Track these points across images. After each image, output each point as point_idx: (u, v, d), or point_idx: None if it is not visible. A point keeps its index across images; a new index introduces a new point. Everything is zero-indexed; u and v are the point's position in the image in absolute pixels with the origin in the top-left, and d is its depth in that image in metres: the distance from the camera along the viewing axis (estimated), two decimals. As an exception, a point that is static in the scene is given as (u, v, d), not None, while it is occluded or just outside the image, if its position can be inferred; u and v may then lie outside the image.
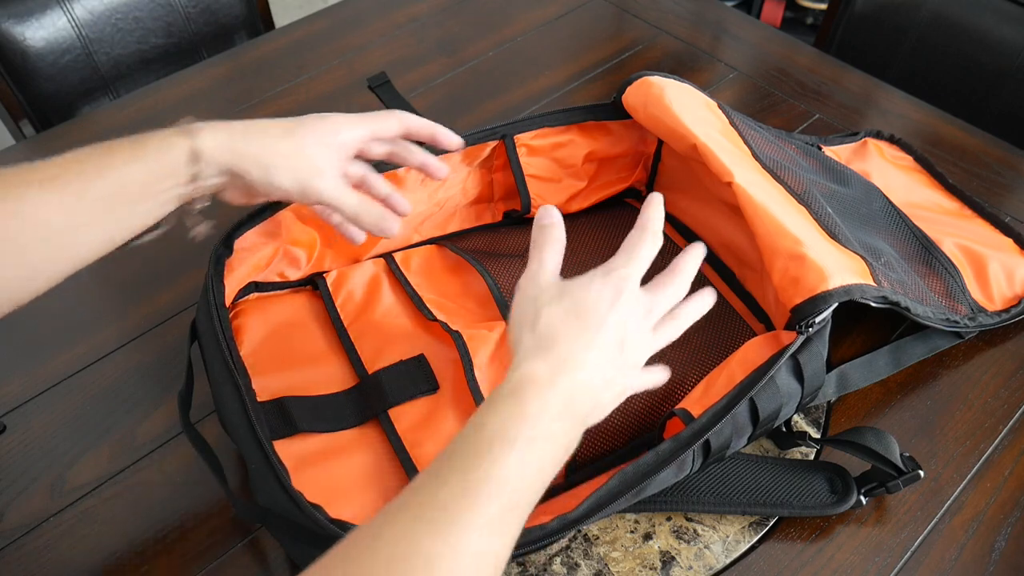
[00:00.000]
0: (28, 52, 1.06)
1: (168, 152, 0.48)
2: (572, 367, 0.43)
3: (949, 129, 0.88)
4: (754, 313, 0.66)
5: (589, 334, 0.45)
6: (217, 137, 0.49)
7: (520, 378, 0.43)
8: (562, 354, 0.44)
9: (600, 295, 0.46)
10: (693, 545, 0.55)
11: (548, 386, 0.42)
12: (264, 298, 0.66)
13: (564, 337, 0.44)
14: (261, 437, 0.51)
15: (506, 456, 0.39)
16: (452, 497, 0.38)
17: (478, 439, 0.40)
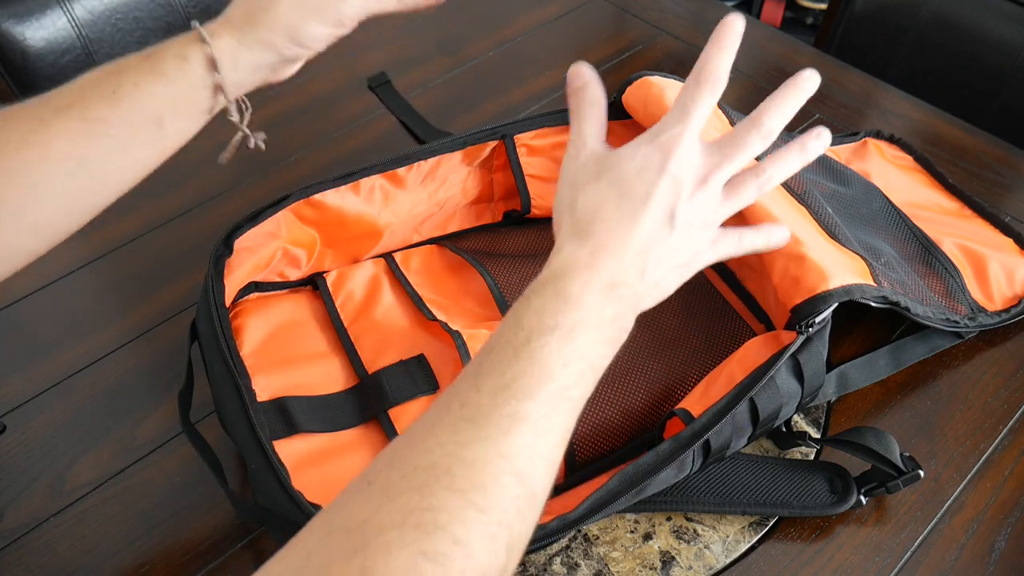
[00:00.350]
0: (28, 52, 1.06)
1: (186, 66, 0.45)
2: (616, 249, 0.40)
3: (949, 129, 0.88)
4: (754, 313, 0.66)
5: (633, 211, 0.41)
6: (229, 43, 0.46)
7: (558, 265, 0.40)
8: (602, 237, 0.40)
9: (646, 163, 0.42)
10: (693, 545, 0.55)
11: (589, 269, 0.39)
12: (264, 298, 0.66)
13: (605, 218, 0.41)
14: (261, 437, 0.51)
15: (546, 348, 0.36)
16: (491, 398, 0.35)
17: (514, 333, 0.37)
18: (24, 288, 0.73)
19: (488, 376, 0.36)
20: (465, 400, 0.35)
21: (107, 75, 0.44)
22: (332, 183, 0.65)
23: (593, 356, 0.38)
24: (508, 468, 0.34)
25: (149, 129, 0.45)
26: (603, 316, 0.39)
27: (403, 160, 0.67)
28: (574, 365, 0.37)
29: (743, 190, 0.44)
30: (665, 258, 0.42)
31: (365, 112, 0.91)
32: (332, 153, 0.87)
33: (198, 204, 0.81)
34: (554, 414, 0.36)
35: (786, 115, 0.44)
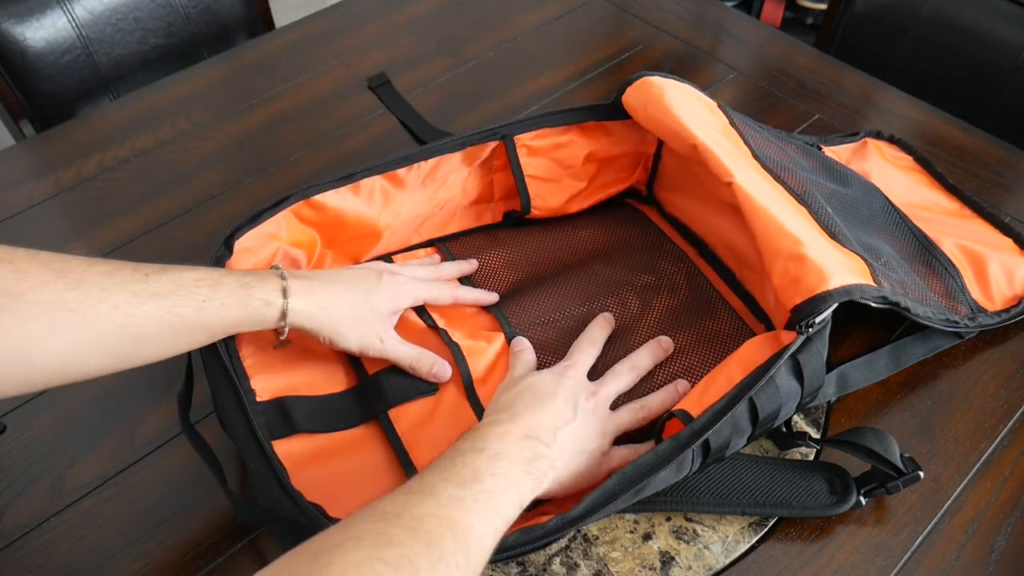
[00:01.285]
0: (28, 52, 1.06)
1: (268, 310, 0.53)
2: (532, 416, 0.51)
3: (949, 129, 0.88)
4: (754, 313, 0.66)
5: (544, 400, 0.53)
6: (303, 303, 0.55)
7: (482, 423, 0.51)
8: (520, 409, 0.52)
9: (552, 376, 0.56)
10: (693, 545, 0.55)
11: (509, 423, 0.50)
12: (264, 298, 0.66)
13: (523, 401, 0.53)
14: (260, 437, 0.51)
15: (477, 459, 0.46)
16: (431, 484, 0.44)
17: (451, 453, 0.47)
18: (24, 288, 0.73)
19: (428, 473, 0.45)
20: (409, 486, 0.44)
21: (203, 284, 0.51)
22: (332, 184, 0.65)
23: (516, 479, 0.46)
24: (448, 527, 0.41)
25: (203, 336, 0.52)
26: (522, 454, 0.48)
27: (403, 161, 0.67)
28: (500, 479, 0.45)
29: (622, 412, 0.57)
30: (570, 435, 0.52)
31: (365, 112, 0.91)
32: (332, 153, 0.87)
33: (198, 204, 0.81)
34: (484, 507, 0.44)
35: (652, 359, 0.61)
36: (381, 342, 0.59)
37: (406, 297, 0.62)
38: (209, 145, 0.88)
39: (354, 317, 0.57)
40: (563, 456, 0.51)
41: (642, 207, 0.77)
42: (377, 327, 0.59)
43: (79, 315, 0.45)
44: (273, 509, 0.49)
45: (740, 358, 0.55)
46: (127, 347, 0.48)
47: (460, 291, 0.65)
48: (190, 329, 0.51)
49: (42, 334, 0.44)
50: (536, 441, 0.49)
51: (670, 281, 0.68)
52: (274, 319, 0.54)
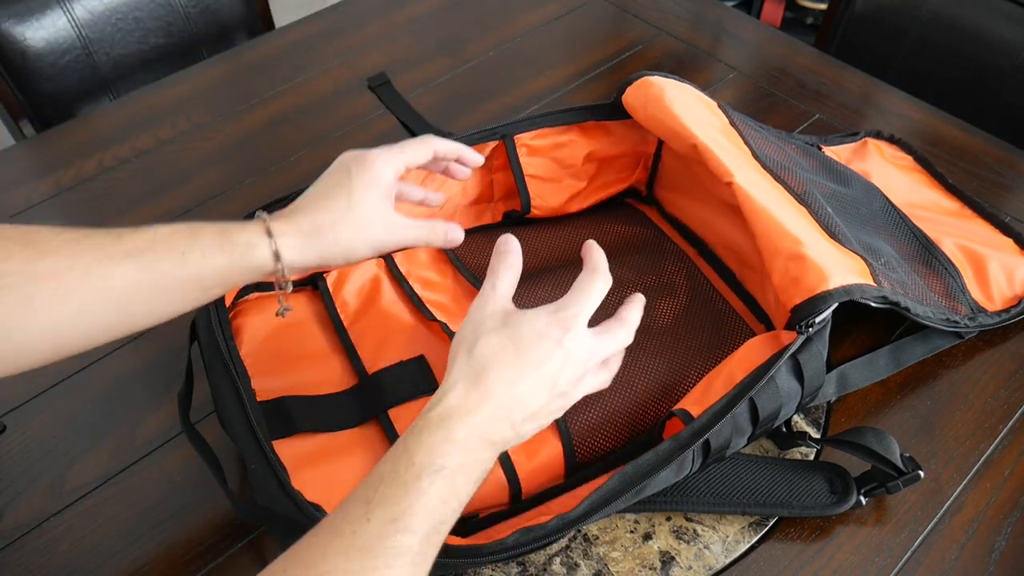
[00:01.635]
0: (28, 52, 1.06)
1: (255, 253, 0.49)
2: (502, 402, 0.46)
3: (949, 129, 0.88)
4: (754, 313, 0.66)
5: (524, 369, 0.47)
6: (293, 239, 0.51)
7: (449, 403, 0.45)
8: (492, 386, 0.46)
9: (547, 332, 0.48)
10: (693, 545, 0.55)
11: (474, 416, 0.45)
12: (264, 298, 0.66)
13: (499, 368, 0.46)
14: (260, 437, 0.51)
15: (432, 486, 0.42)
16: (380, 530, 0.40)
17: (407, 469, 0.42)
18: (24, 288, 0.73)
19: (379, 507, 0.41)
20: (356, 528, 0.40)
21: (180, 235, 0.48)
22: (332, 183, 0.64)
23: (463, 495, 0.44)
24: None
25: (196, 292, 0.49)
26: (479, 458, 0.45)
27: (403, 160, 0.67)
28: (450, 503, 0.42)
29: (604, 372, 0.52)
30: (536, 416, 0.48)
31: (365, 112, 0.91)
32: (332, 153, 0.85)
33: (198, 204, 0.81)
34: (429, 547, 0.41)
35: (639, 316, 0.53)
36: (391, 234, 0.55)
37: (383, 176, 0.55)
38: (209, 145, 0.88)
39: (348, 227, 0.53)
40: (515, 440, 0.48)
41: (642, 207, 0.77)
42: (376, 224, 0.54)
43: (52, 284, 0.43)
44: (273, 509, 0.49)
45: (740, 358, 0.55)
46: (113, 313, 0.46)
47: (437, 143, 0.58)
48: (178, 286, 0.47)
49: (18, 309, 0.42)
50: (499, 443, 0.46)
51: (670, 281, 0.68)
52: (266, 262, 0.50)
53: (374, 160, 0.55)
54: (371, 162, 0.55)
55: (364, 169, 0.55)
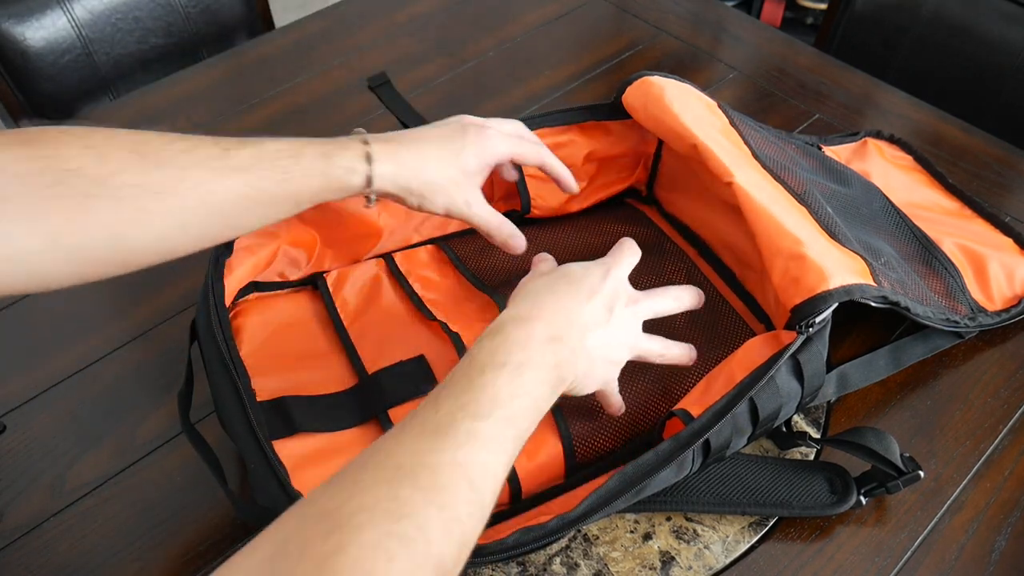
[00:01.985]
0: (28, 52, 1.06)
1: (350, 176, 0.52)
2: (561, 314, 0.47)
3: (949, 129, 0.88)
4: (754, 313, 0.66)
5: (579, 296, 0.49)
6: (388, 167, 0.53)
7: (508, 314, 0.47)
8: (551, 304, 0.48)
9: (593, 269, 0.51)
10: (693, 545, 0.55)
11: (536, 321, 0.46)
12: (264, 298, 0.66)
13: (555, 294, 0.49)
14: (260, 437, 0.51)
15: (497, 378, 0.42)
16: (450, 416, 0.40)
17: (469, 367, 0.43)
18: (24, 288, 0.73)
19: (446, 400, 0.41)
20: (426, 419, 0.41)
21: (284, 154, 0.50)
22: (332, 183, 0.65)
23: (536, 394, 0.44)
24: (462, 475, 0.38)
25: (290, 206, 0.52)
26: (545, 360, 0.45)
27: (403, 160, 0.67)
28: (520, 399, 0.43)
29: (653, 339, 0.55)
30: (601, 341, 0.49)
31: (365, 112, 0.91)
32: (332, 153, 0.87)
33: (198, 204, 0.81)
34: (502, 437, 0.41)
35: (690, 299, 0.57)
36: (468, 206, 0.57)
37: (493, 153, 0.58)
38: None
39: (443, 179, 0.56)
40: (587, 359, 0.48)
41: (642, 207, 0.77)
42: (465, 189, 0.57)
43: (164, 196, 0.45)
44: (274, 509, 0.49)
45: (740, 358, 0.55)
46: (213, 224, 0.49)
47: (546, 154, 0.62)
48: (274, 201, 0.50)
49: (132, 217, 0.45)
50: (561, 344, 0.46)
51: (670, 280, 0.68)
52: (359, 186, 0.52)
53: (491, 136, 0.58)
54: (488, 137, 0.58)
55: (481, 139, 0.57)
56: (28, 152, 0.43)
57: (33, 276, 0.44)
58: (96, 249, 0.45)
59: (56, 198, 0.43)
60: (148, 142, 0.46)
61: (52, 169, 0.43)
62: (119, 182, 0.44)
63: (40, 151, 0.43)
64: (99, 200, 0.44)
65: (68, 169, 0.43)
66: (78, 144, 0.44)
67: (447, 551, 0.36)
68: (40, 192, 0.42)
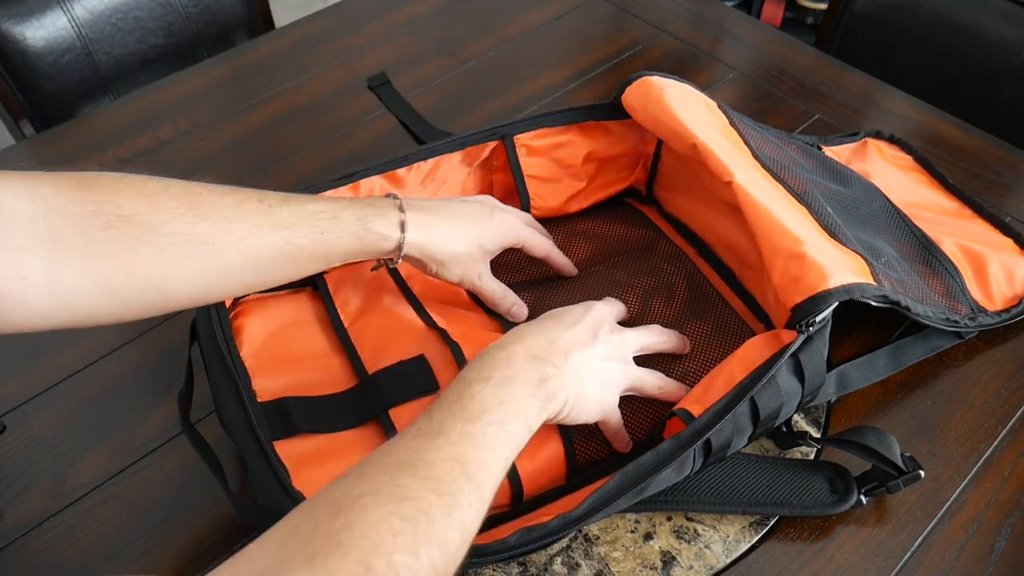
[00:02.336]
0: (28, 52, 1.06)
1: (383, 242, 0.55)
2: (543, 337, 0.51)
3: (949, 129, 0.88)
4: (754, 313, 0.66)
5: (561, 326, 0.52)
6: (419, 236, 0.57)
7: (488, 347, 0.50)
8: (528, 332, 0.51)
9: (572, 307, 0.55)
10: (694, 545, 0.55)
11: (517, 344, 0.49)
12: (264, 299, 0.66)
13: (537, 327, 0.52)
14: (262, 438, 0.51)
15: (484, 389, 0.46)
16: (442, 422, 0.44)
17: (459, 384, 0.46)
18: (24, 288, 0.73)
19: (438, 411, 0.44)
20: (420, 426, 0.44)
21: (324, 216, 0.53)
22: (332, 184, 0.65)
23: (524, 405, 0.46)
24: (459, 469, 0.41)
25: (321, 264, 0.55)
26: (530, 376, 0.47)
27: (403, 161, 0.67)
28: (508, 406, 0.45)
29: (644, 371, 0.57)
30: (585, 361, 0.51)
31: (365, 112, 0.91)
32: (332, 153, 0.87)
33: (198, 204, 0.81)
34: (494, 438, 0.43)
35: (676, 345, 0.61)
36: (479, 278, 0.62)
37: (512, 238, 0.63)
38: (209, 145, 0.88)
39: (464, 254, 0.60)
40: (575, 379, 0.50)
41: (641, 207, 0.77)
42: (480, 264, 0.61)
43: (208, 247, 0.48)
44: (275, 510, 0.49)
45: (741, 357, 0.55)
46: (250, 275, 0.51)
47: (553, 249, 0.66)
48: (310, 259, 0.53)
49: (177, 265, 0.47)
50: (544, 361, 0.49)
51: (670, 281, 0.68)
52: (390, 250, 0.56)
53: (512, 223, 0.63)
54: (510, 224, 0.63)
55: (504, 224, 0.62)
56: (83, 196, 0.45)
57: (76, 313, 0.46)
58: (140, 292, 0.47)
59: (107, 241, 0.45)
60: (199, 195, 0.49)
61: (105, 213, 0.45)
62: (168, 230, 0.46)
63: (95, 195, 0.45)
64: (147, 246, 0.46)
65: (121, 215, 0.45)
66: (132, 191, 0.46)
67: (450, 535, 0.38)
68: (92, 235, 0.44)
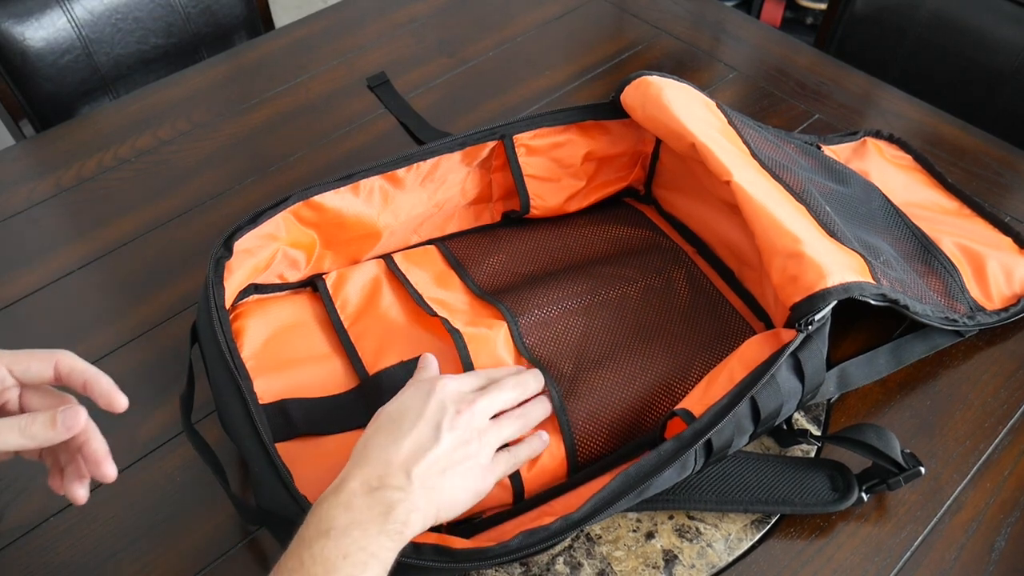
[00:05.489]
0: (28, 52, 1.06)
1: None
2: (382, 461, 0.47)
3: (949, 129, 0.88)
4: (753, 311, 0.66)
5: (402, 431, 0.49)
6: None
7: (336, 483, 0.47)
8: (374, 455, 0.48)
9: (415, 397, 0.52)
10: (695, 543, 0.55)
11: (356, 481, 0.46)
12: (264, 300, 0.66)
13: (378, 443, 0.49)
14: (265, 440, 0.51)
15: (324, 547, 0.43)
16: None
17: (299, 546, 0.43)
18: (24, 288, 0.73)
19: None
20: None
21: None
22: (331, 184, 0.65)
23: (373, 547, 0.43)
24: None
25: None
26: (374, 513, 0.45)
27: (402, 161, 0.67)
28: (354, 557, 0.42)
29: (506, 423, 0.53)
30: (433, 465, 0.48)
31: (365, 112, 0.91)
32: (332, 153, 0.87)
33: (198, 204, 0.81)
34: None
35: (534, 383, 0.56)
36: None
37: None
38: (209, 145, 0.88)
39: None
40: (426, 490, 0.47)
41: (640, 206, 0.77)
42: None
43: None
44: (276, 511, 0.49)
45: (741, 356, 0.55)
46: None
47: (66, 361, 0.45)
48: None
49: None
50: (385, 489, 0.46)
51: (669, 280, 0.68)
52: None
53: None
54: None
55: None
56: None
57: None
58: None
59: None
60: None
61: None
62: None
63: None
64: None
65: None
66: None
67: None
68: None
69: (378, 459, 0.48)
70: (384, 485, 0.46)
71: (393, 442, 0.49)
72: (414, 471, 0.47)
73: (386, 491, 0.46)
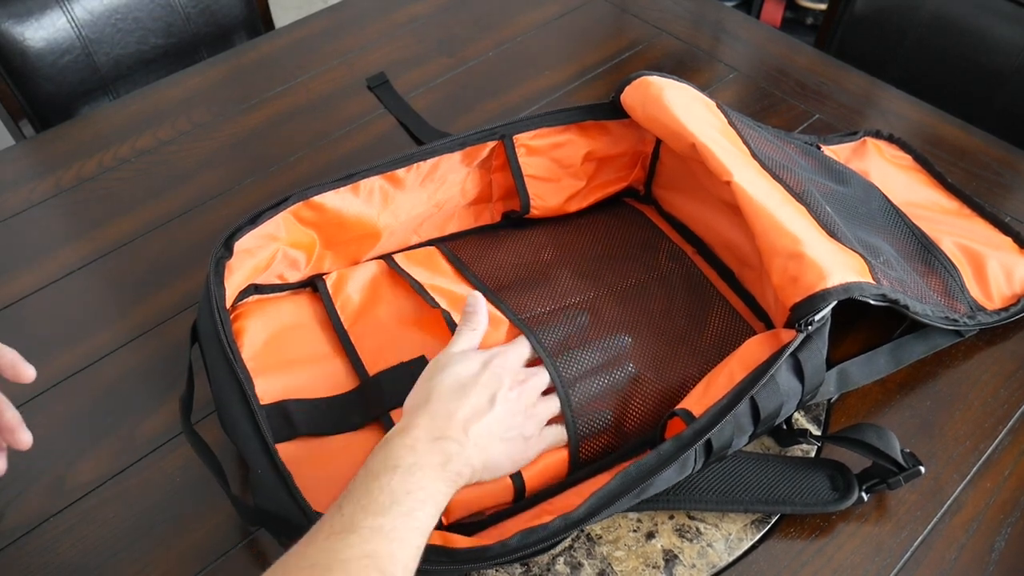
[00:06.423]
0: (28, 52, 1.06)
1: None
2: (443, 415, 0.51)
3: (949, 129, 0.88)
4: (753, 312, 0.66)
5: (461, 393, 0.53)
6: None
7: (401, 425, 0.51)
8: (435, 407, 0.52)
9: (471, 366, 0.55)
10: (696, 543, 0.55)
11: (421, 429, 0.50)
12: (264, 300, 0.66)
13: (440, 396, 0.53)
14: (268, 441, 0.51)
15: (391, 480, 0.46)
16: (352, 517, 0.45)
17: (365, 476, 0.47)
18: (24, 288, 0.73)
19: (348, 504, 0.46)
20: (333, 522, 0.45)
21: None
22: (331, 184, 0.65)
23: (432, 489, 0.47)
24: (374, 566, 0.42)
25: None
26: (434, 460, 0.49)
27: (402, 161, 0.67)
28: (415, 493, 0.46)
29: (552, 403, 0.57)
30: (487, 428, 0.52)
31: (365, 112, 0.91)
32: (332, 153, 0.87)
33: (198, 204, 0.81)
34: (404, 528, 0.45)
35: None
36: None
37: None
38: (209, 145, 0.88)
39: None
40: (478, 450, 0.51)
41: (640, 206, 0.77)
42: None
43: None
44: (276, 512, 0.49)
45: (741, 357, 0.55)
46: None
47: None
48: None
49: None
50: (446, 440, 0.50)
51: (669, 280, 0.68)
52: None
53: None
54: None
55: None
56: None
57: None
58: None
59: None
60: None
61: None
62: None
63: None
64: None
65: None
66: None
67: None
68: None
69: (440, 412, 0.51)
70: (445, 436, 0.50)
71: (456, 399, 0.52)
72: (471, 429, 0.51)
73: (446, 442, 0.50)
